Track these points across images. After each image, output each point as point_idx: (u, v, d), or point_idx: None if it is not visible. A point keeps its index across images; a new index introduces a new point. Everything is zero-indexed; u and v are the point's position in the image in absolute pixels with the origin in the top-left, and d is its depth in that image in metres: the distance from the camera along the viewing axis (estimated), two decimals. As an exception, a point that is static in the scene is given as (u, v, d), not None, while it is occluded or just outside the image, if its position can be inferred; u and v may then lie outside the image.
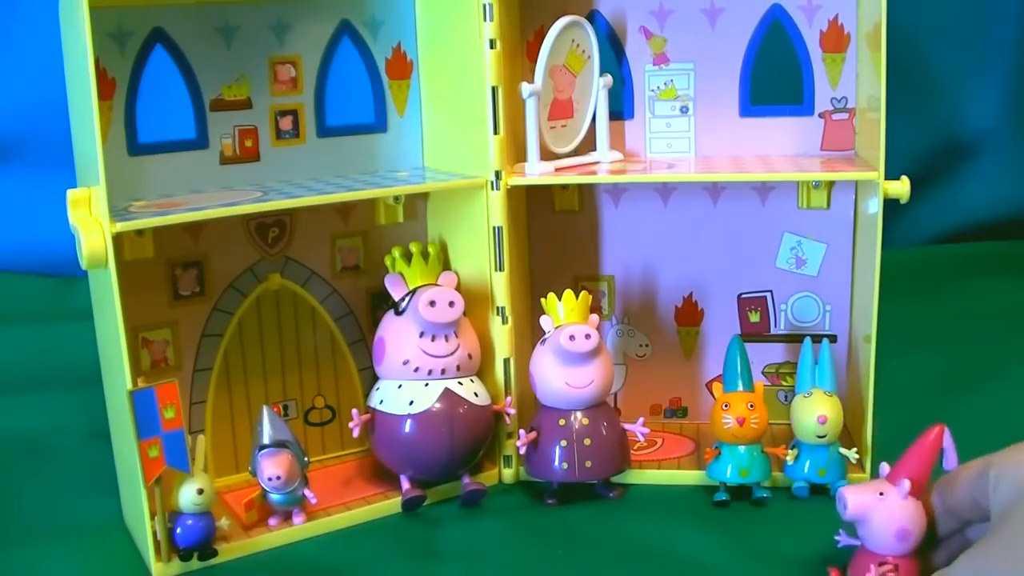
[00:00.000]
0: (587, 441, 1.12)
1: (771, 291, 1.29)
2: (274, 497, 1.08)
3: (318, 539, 1.09)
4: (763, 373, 1.31)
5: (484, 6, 1.10)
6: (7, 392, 1.49)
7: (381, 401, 1.14)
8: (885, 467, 0.93)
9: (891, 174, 1.09)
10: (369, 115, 1.23)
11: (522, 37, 1.26)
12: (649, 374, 1.34)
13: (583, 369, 1.12)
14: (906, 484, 0.89)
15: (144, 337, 1.14)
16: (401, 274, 1.16)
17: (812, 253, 1.27)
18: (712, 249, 1.28)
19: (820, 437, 1.12)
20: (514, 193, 1.18)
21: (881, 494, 0.90)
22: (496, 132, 1.13)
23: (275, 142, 1.18)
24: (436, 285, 1.16)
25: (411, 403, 1.12)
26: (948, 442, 0.91)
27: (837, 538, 0.95)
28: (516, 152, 1.20)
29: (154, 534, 1.01)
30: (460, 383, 1.14)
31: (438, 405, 1.12)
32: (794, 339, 1.27)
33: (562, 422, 1.13)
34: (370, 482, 1.19)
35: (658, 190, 1.28)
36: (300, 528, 1.09)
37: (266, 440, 1.07)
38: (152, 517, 1.01)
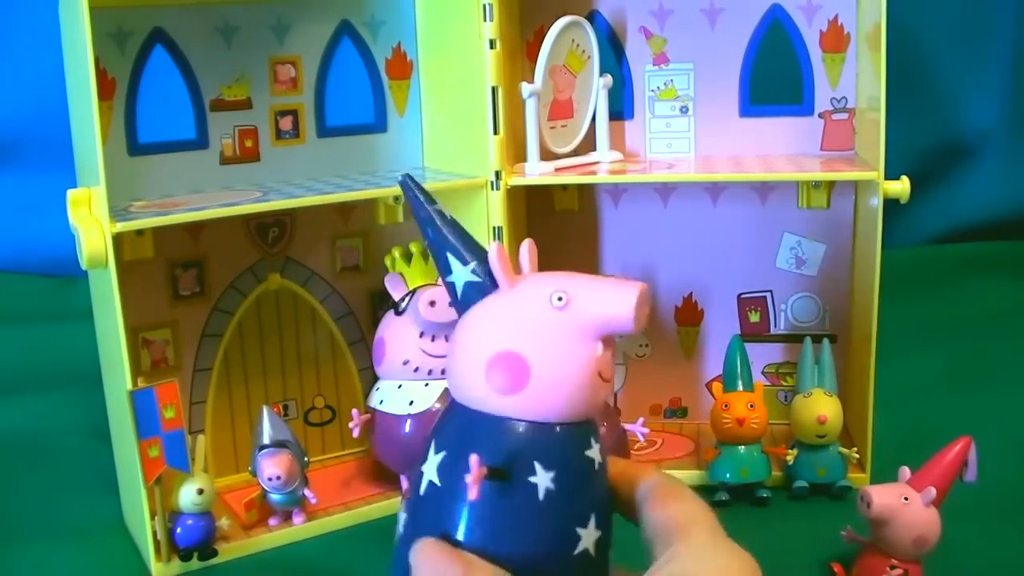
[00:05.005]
0: (587, 441, 1.12)
1: (771, 291, 1.29)
2: (274, 497, 1.08)
3: (318, 539, 1.09)
4: (763, 373, 1.31)
5: (484, 6, 1.10)
6: (7, 392, 1.49)
7: (381, 401, 1.14)
8: (905, 471, 0.92)
9: (891, 174, 1.09)
10: (369, 115, 1.23)
11: (522, 37, 1.26)
12: (649, 374, 1.33)
13: (583, 369, 1.11)
14: (932, 492, 0.89)
15: (144, 337, 1.14)
16: (401, 274, 1.16)
17: (812, 253, 1.27)
18: (712, 249, 1.28)
19: (820, 437, 1.12)
20: (514, 193, 1.18)
21: (906, 499, 0.89)
22: (496, 132, 1.13)
23: (275, 142, 1.18)
24: (436, 285, 1.15)
25: (411, 403, 1.12)
26: (972, 455, 0.90)
27: (843, 533, 0.95)
28: (516, 152, 1.20)
29: (154, 534, 1.01)
30: (460, 383, 1.14)
31: (438, 405, 1.12)
32: (794, 339, 1.27)
33: (562, 422, 1.13)
34: (370, 482, 1.19)
35: (658, 190, 1.28)
36: (300, 528, 1.09)
37: (266, 440, 1.07)
38: (152, 517, 1.00)
